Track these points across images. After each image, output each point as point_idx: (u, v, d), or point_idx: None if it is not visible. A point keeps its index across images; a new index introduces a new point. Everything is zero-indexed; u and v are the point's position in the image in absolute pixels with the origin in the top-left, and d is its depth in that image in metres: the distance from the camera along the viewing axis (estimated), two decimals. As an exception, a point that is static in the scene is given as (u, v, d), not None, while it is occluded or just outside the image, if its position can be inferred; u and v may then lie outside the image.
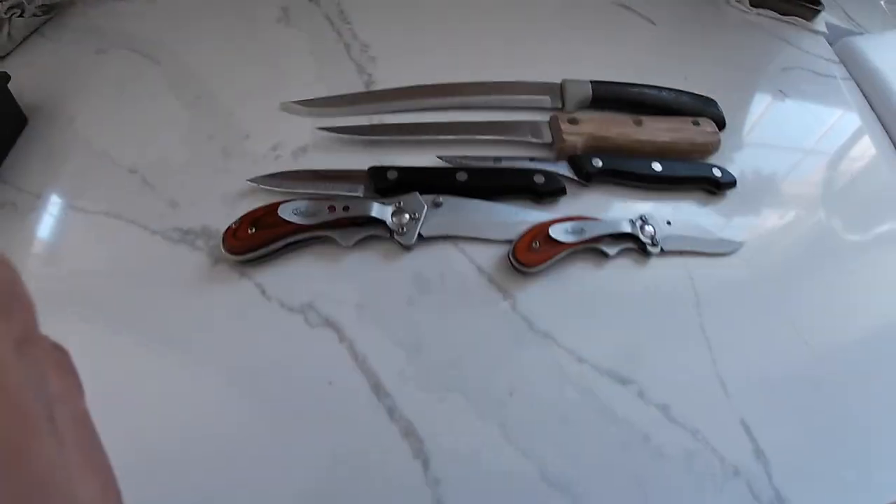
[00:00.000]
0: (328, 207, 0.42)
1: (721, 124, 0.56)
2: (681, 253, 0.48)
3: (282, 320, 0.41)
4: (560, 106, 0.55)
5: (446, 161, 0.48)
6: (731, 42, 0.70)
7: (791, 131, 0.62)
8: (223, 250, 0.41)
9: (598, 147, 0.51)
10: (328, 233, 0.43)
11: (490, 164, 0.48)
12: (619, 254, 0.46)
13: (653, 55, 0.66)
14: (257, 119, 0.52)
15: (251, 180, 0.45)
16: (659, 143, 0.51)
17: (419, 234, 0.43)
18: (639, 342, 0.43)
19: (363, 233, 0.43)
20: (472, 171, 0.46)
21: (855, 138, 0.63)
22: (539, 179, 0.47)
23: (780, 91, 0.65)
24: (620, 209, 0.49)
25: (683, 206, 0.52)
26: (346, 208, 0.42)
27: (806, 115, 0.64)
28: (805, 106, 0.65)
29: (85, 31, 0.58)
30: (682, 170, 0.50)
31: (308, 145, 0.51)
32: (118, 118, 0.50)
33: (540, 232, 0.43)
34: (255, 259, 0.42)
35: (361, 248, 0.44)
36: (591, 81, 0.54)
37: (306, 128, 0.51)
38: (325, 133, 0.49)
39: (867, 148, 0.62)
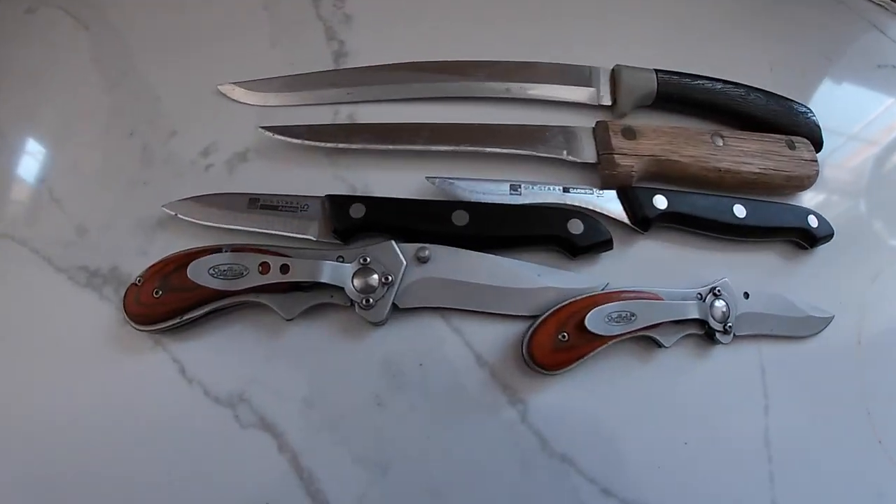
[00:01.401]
0: (260, 265, 0.26)
1: (818, 145, 0.37)
2: (754, 337, 0.32)
3: (205, 413, 0.28)
4: (610, 103, 0.35)
5: (439, 187, 0.30)
6: (819, 22, 0.48)
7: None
8: (125, 316, 0.27)
9: (662, 174, 0.32)
10: (261, 299, 0.27)
11: (504, 196, 0.30)
12: (678, 341, 0.30)
13: (732, 34, 0.44)
14: (189, 107, 0.35)
15: (167, 207, 0.30)
16: (745, 176, 0.32)
17: (393, 304, 0.27)
18: (684, 463, 0.29)
19: (311, 301, 0.27)
20: (475, 210, 0.29)
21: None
22: (576, 227, 0.29)
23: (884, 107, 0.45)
24: (684, 269, 0.32)
25: (764, 264, 0.34)
26: (284, 268, 0.26)
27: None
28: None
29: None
30: (771, 217, 0.32)
31: (249, 150, 0.33)
32: (35, 103, 0.36)
33: (571, 316, 0.26)
34: (166, 329, 0.27)
35: (310, 317, 0.28)
36: (657, 71, 0.34)
37: (248, 122, 0.34)
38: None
39: None
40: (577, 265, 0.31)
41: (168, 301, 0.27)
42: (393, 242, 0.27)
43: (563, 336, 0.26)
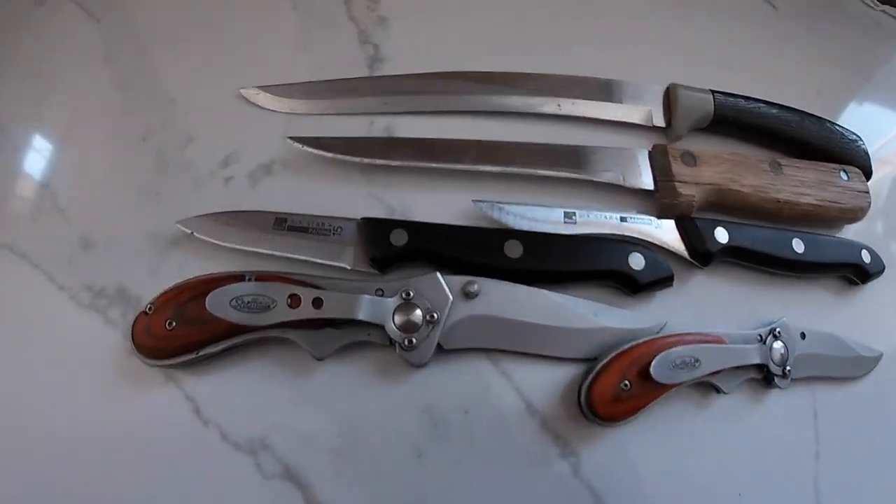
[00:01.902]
0: (289, 298, 0.22)
1: (868, 174, 0.34)
2: (807, 379, 0.30)
3: (223, 459, 0.24)
4: (663, 124, 0.32)
5: (486, 212, 0.26)
6: (856, 43, 0.46)
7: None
8: (133, 348, 0.23)
9: (722, 204, 0.29)
10: (289, 335, 0.23)
11: (558, 225, 0.26)
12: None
13: (774, 54, 0.41)
14: (208, 111, 0.32)
15: (181, 224, 0.26)
16: (802, 208, 0.30)
17: (437, 345, 0.24)
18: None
19: (345, 339, 0.23)
20: (530, 240, 0.25)
21: None
22: (637, 262, 0.26)
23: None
24: (739, 306, 0.29)
25: (815, 301, 0.31)
26: (317, 302, 0.22)
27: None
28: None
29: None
30: (827, 252, 0.30)
31: (275, 161, 0.29)
32: (41, 102, 0.33)
33: (633, 363, 0.23)
34: (180, 364, 0.24)
35: (343, 356, 0.24)
36: (714, 92, 0.32)
37: (274, 130, 0.30)
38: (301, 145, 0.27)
39: None
40: (631, 302, 0.28)
41: (183, 334, 0.23)
42: (438, 275, 0.24)
43: (626, 384, 0.23)
